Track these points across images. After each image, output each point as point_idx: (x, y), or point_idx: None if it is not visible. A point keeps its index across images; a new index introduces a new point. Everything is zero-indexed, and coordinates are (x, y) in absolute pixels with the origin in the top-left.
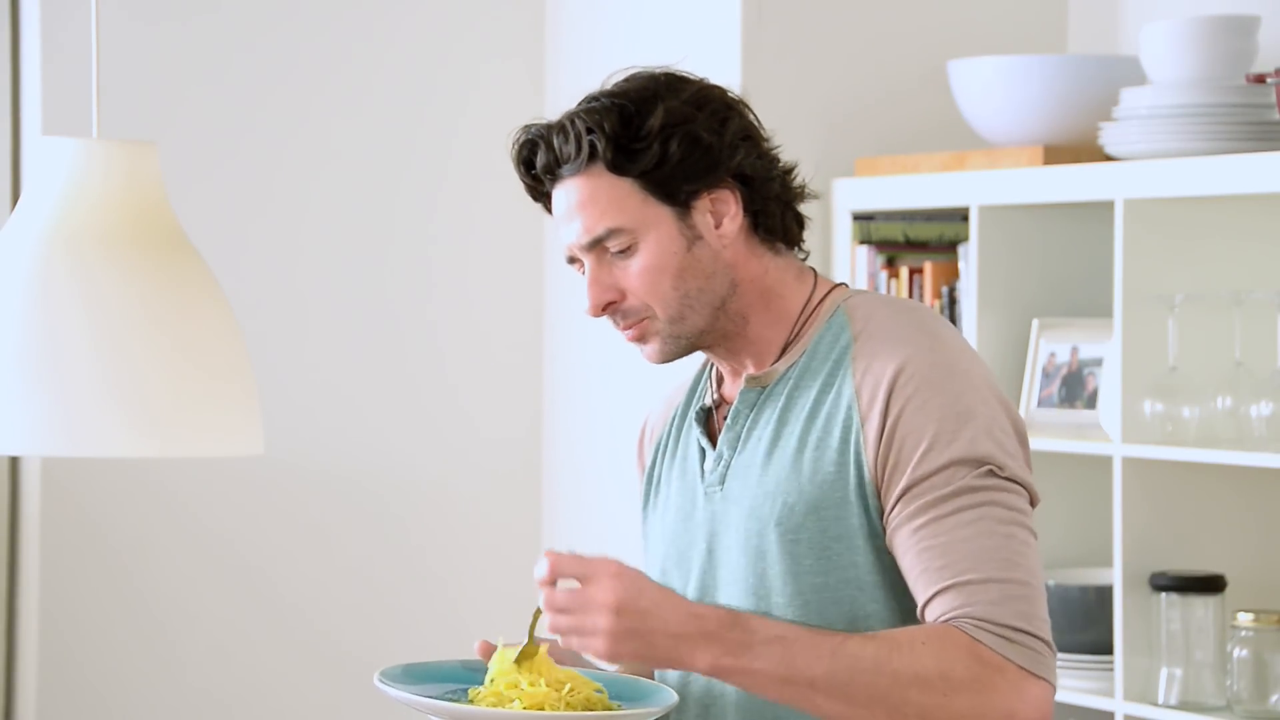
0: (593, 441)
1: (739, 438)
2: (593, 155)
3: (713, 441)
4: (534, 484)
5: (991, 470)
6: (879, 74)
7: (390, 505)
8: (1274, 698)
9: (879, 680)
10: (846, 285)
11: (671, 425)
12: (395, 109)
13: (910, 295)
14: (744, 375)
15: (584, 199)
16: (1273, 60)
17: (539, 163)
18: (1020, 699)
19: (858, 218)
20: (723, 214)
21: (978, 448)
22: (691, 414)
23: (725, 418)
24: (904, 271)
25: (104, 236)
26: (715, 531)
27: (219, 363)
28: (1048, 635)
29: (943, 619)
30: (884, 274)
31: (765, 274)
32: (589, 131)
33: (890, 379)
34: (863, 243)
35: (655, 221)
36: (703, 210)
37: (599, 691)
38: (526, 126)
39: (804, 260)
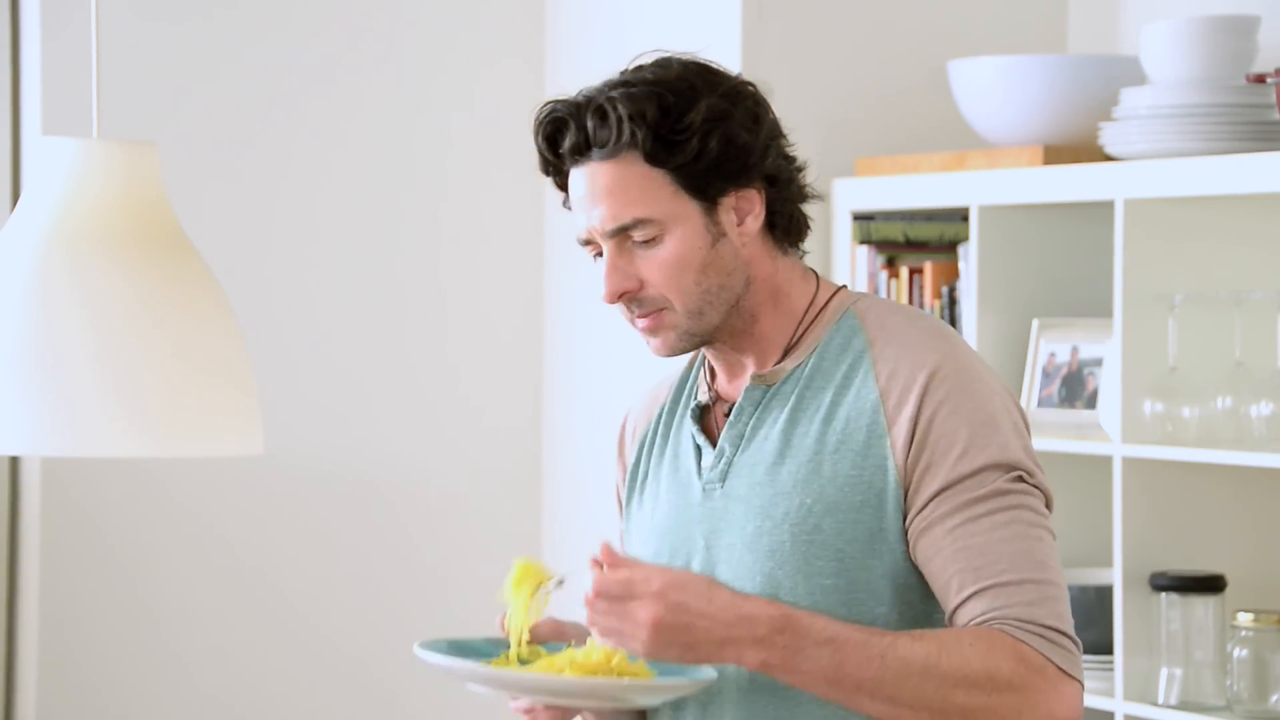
0: (593, 433)
1: (742, 435)
2: (631, 143)
3: (709, 438)
4: (534, 478)
5: (1020, 476)
6: (879, 74)
7: (390, 504)
8: (1274, 698)
9: (926, 684)
10: (847, 287)
11: (658, 422)
12: (396, 107)
13: (910, 295)
14: (749, 373)
15: (612, 185)
16: (1273, 60)
17: (566, 142)
18: (1058, 698)
19: (858, 218)
20: (746, 212)
21: (1009, 454)
22: (683, 410)
23: (726, 414)
24: (904, 271)
25: (104, 236)
26: (715, 529)
27: (219, 362)
28: (1075, 635)
29: (982, 618)
30: (884, 274)
31: (776, 273)
32: (630, 119)
33: (923, 383)
34: (863, 243)
35: (683, 215)
36: (728, 208)
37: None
38: (554, 103)
39: (802, 260)
